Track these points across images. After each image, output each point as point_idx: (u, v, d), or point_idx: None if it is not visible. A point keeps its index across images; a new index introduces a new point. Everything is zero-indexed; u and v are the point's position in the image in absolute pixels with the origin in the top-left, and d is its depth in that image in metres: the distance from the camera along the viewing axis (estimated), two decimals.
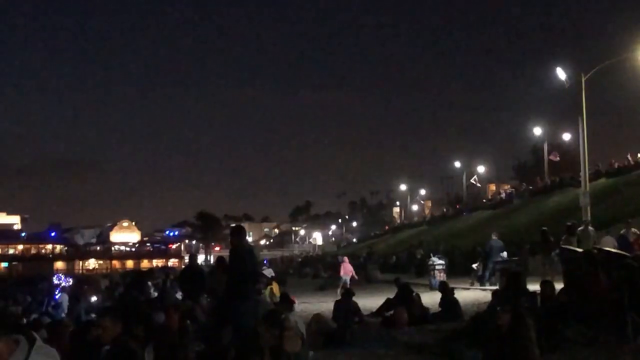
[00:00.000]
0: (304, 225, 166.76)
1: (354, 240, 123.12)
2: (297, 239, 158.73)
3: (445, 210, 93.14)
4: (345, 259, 33.20)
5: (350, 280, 30.75)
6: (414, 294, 18.51)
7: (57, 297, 25.52)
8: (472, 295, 23.43)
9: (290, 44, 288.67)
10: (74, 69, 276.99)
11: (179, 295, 19.66)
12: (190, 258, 19.28)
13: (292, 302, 16.73)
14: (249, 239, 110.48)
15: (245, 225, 74.79)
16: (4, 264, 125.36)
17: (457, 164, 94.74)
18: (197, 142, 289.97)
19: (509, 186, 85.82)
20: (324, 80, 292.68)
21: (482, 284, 27.26)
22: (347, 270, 31.37)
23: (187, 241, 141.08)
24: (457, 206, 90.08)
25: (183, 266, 53.76)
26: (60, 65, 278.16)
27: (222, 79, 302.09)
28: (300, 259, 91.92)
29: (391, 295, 19.43)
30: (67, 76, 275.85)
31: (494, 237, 28.81)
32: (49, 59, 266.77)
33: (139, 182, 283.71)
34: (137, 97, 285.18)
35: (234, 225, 20.57)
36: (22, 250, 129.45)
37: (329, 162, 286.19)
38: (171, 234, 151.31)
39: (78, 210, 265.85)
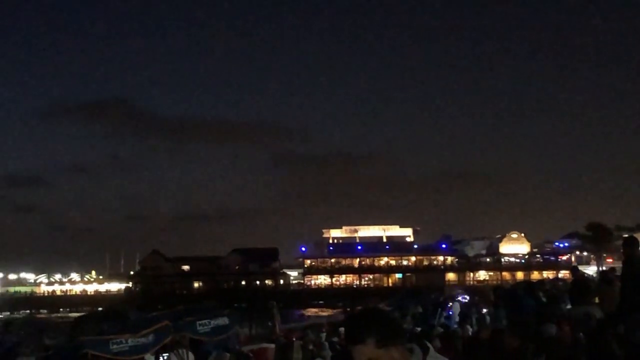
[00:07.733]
0: None
1: None
2: None
3: None
4: None
5: None
6: None
7: (449, 308, 26.13)
8: None
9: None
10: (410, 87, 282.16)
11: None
12: (572, 270, 19.02)
13: None
14: None
15: (639, 236, 71.28)
16: (398, 275, 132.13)
17: None
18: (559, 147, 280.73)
19: None
20: None
21: None
22: None
23: (577, 252, 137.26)
24: None
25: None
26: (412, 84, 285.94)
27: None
28: None
29: None
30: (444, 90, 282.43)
31: None
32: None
33: (528, 192, 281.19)
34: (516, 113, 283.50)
35: (626, 235, 19.76)
36: (415, 262, 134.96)
37: None
38: (561, 245, 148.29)
39: (468, 222, 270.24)
